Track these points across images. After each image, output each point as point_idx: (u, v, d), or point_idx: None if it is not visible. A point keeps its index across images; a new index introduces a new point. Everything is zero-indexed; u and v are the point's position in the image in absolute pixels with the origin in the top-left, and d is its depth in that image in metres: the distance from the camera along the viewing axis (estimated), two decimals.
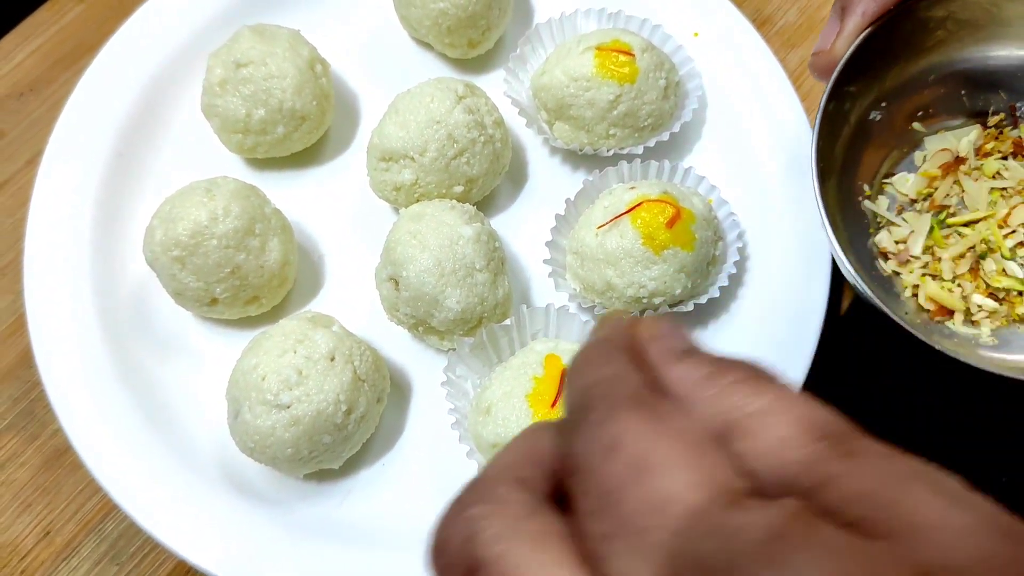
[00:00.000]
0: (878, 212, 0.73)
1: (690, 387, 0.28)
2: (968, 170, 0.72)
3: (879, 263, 0.71)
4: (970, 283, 0.69)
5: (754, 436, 0.26)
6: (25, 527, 0.69)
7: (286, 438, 0.61)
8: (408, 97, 0.72)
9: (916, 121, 0.74)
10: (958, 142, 0.73)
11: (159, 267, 0.68)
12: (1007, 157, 0.73)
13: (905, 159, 0.74)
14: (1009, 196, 0.71)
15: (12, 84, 0.86)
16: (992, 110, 0.74)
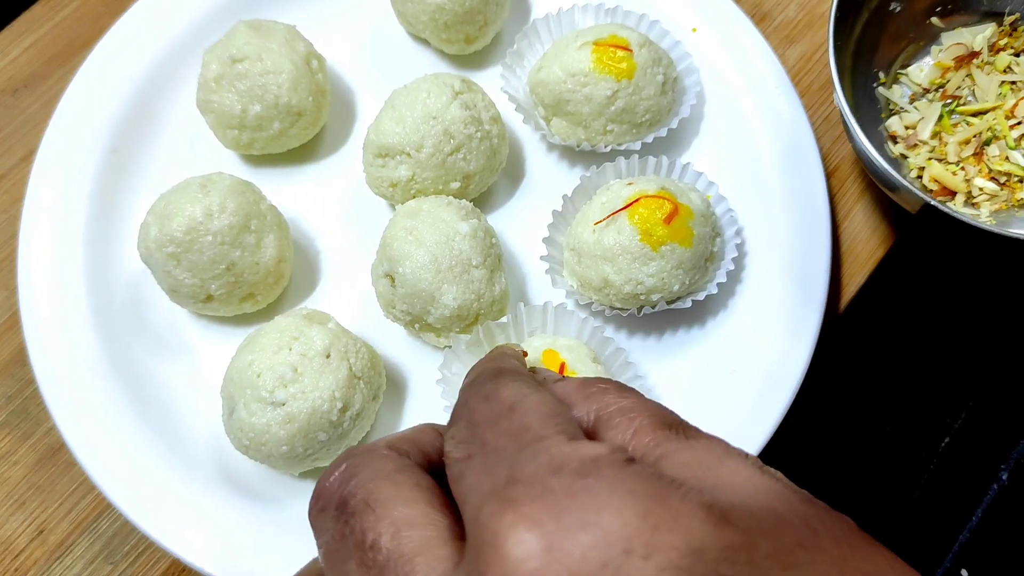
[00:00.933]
0: (891, 99, 0.77)
1: (569, 392, 0.35)
2: (981, 63, 0.77)
3: (888, 146, 0.76)
4: (973, 167, 0.73)
5: (616, 427, 0.33)
6: (19, 526, 0.68)
7: (281, 435, 0.60)
8: (404, 93, 0.71)
9: (934, 16, 0.79)
10: (973, 38, 0.78)
11: (154, 264, 0.67)
12: (1019, 54, 0.77)
13: (921, 52, 0.80)
14: (1018, 89, 0.76)
15: (7, 80, 0.85)
16: (1008, 10, 0.78)
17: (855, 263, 0.76)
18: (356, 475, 0.33)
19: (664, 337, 0.71)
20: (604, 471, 0.28)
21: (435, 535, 0.30)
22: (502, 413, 0.32)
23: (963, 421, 0.72)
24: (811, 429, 0.71)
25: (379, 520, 0.31)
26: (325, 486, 0.34)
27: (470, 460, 0.32)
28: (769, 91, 0.77)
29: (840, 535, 0.29)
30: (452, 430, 0.34)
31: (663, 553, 0.26)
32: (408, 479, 0.33)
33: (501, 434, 0.31)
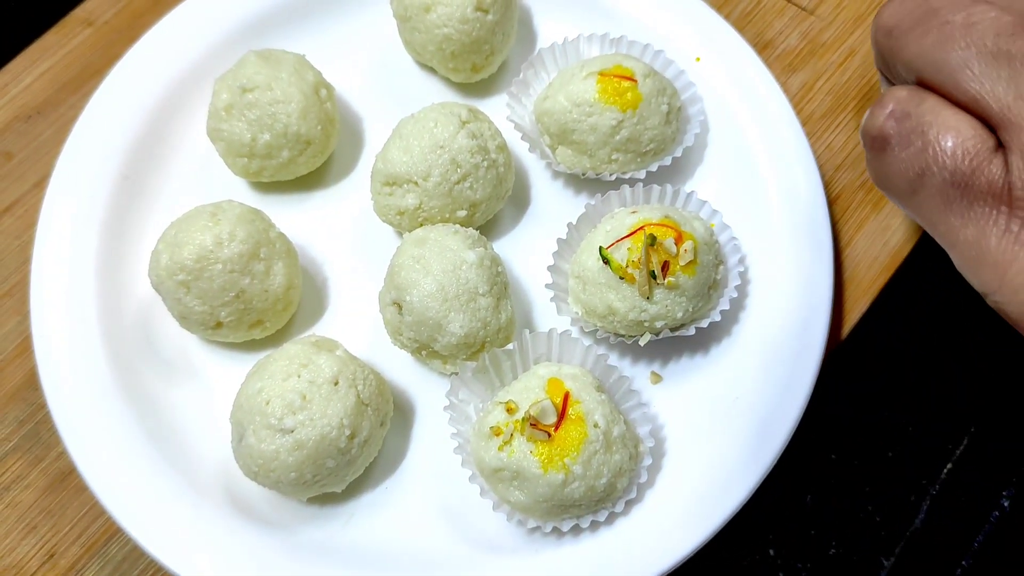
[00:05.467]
0: None
1: None
2: None
3: None
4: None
5: None
6: (30, 549, 0.69)
7: (290, 462, 0.61)
8: (412, 122, 0.72)
9: None
10: None
11: (164, 291, 0.68)
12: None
13: None
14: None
15: (20, 106, 0.86)
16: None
17: (857, 290, 0.77)
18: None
19: (668, 365, 0.72)
20: None
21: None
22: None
23: (965, 447, 0.73)
24: (814, 455, 0.72)
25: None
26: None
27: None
28: (772, 120, 0.78)
29: None
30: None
31: None
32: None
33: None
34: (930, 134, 0.42)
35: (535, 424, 0.61)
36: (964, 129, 0.41)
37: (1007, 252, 0.40)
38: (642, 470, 0.64)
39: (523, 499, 0.61)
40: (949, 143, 0.41)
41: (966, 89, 0.41)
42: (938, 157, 0.42)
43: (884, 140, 0.44)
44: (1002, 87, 0.39)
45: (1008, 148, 0.40)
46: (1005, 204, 0.40)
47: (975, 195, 0.41)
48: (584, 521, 0.63)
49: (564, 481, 0.60)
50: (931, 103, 0.43)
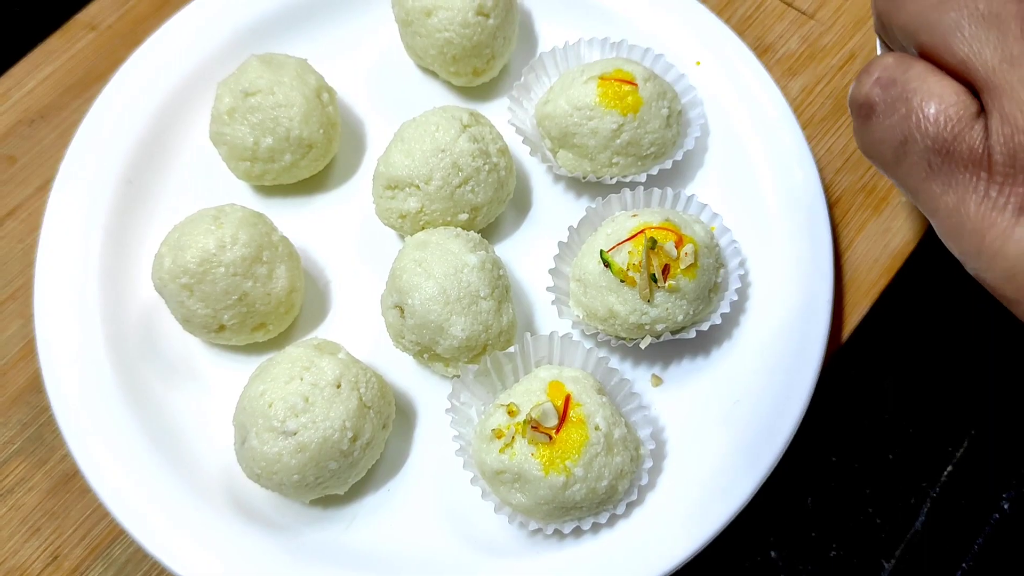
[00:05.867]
0: None
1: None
2: None
3: None
4: None
5: None
6: (33, 551, 0.69)
7: (292, 464, 0.62)
8: (413, 126, 0.73)
9: None
10: None
11: (167, 294, 0.69)
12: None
13: None
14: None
15: (23, 111, 0.87)
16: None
17: (857, 293, 0.77)
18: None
19: (669, 367, 0.72)
20: None
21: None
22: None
23: (965, 450, 0.73)
24: (814, 457, 0.72)
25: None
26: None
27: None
28: (772, 123, 0.79)
29: None
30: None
31: None
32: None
33: None
34: (914, 101, 0.42)
35: (536, 427, 0.61)
36: (948, 95, 0.41)
37: (985, 218, 0.40)
38: (643, 472, 0.65)
39: (524, 501, 0.61)
40: (932, 109, 0.41)
41: (955, 51, 0.41)
42: (921, 124, 0.42)
43: (870, 107, 0.44)
44: (989, 50, 0.39)
45: (988, 113, 0.40)
46: (984, 170, 0.40)
47: (956, 162, 0.41)
48: (585, 523, 0.63)
49: (565, 483, 0.60)
50: (917, 70, 0.43)
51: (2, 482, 0.71)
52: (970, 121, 0.40)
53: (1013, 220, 0.39)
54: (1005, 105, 0.38)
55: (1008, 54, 0.38)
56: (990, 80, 0.39)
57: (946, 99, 0.41)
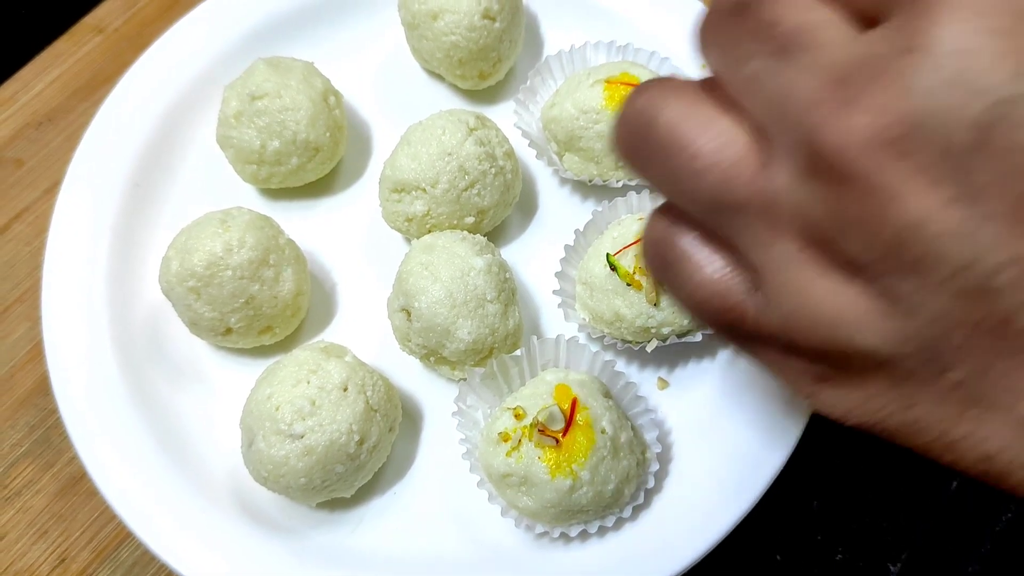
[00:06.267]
0: None
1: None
2: None
3: None
4: None
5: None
6: (41, 554, 0.69)
7: (299, 468, 0.62)
8: (420, 129, 0.73)
9: None
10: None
11: (175, 297, 0.69)
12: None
13: None
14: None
15: (31, 113, 0.87)
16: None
17: None
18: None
19: (675, 370, 0.72)
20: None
21: (839, 21, 0.31)
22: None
23: None
24: (821, 460, 0.72)
25: (778, 2, 0.32)
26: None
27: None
28: None
29: None
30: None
31: None
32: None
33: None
34: (688, 287, 0.38)
35: (543, 430, 0.61)
36: (717, 278, 0.37)
37: (792, 384, 0.38)
38: (649, 476, 0.65)
39: (531, 504, 0.61)
40: (707, 295, 0.38)
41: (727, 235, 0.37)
42: (704, 309, 0.38)
43: (662, 282, 0.41)
44: (749, 235, 0.35)
45: (761, 300, 0.36)
46: (773, 346, 0.37)
47: (748, 338, 0.38)
48: (592, 526, 0.63)
49: (572, 487, 0.60)
50: (681, 248, 0.38)
51: (10, 485, 0.72)
52: (744, 302, 0.37)
53: (814, 387, 0.37)
54: (769, 288, 0.35)
55: (769, 239, 0.34)
56: (754, 261, 0.35)
57: (717, 283, 0.37)
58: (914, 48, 0.28)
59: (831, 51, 0.30)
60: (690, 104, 0.35)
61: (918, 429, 0.34)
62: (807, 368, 0.36)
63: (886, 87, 0.28)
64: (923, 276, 0.29)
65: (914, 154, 0.28)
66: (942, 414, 0.33)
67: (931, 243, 0.29)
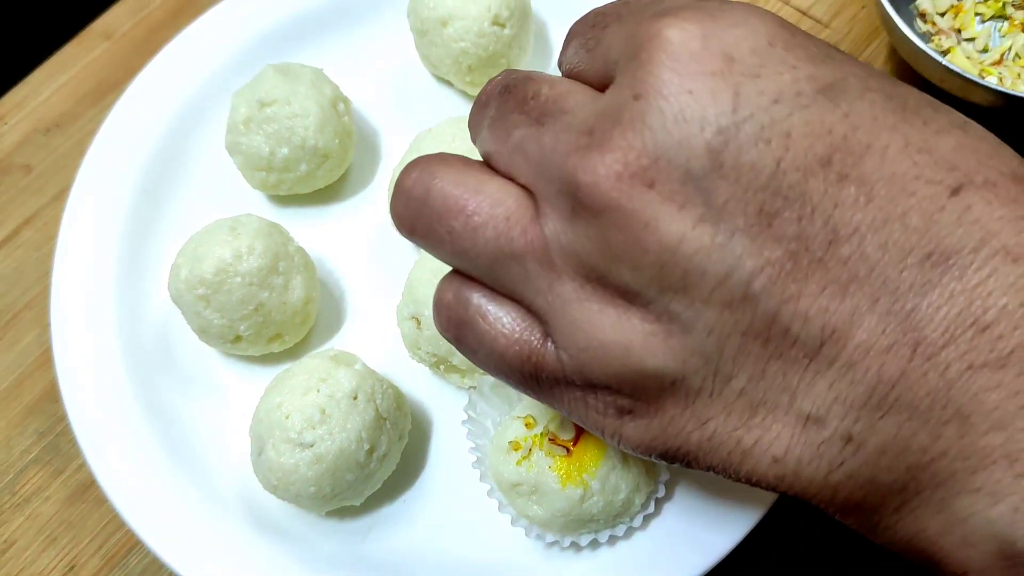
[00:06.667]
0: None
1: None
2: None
3: (917, 23, 0.80)
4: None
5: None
6: (50, 562, 0.69)
7: (309, 476, 0.62)
8: (430, 136, 0.73)
9: None
10: None
11: (184, 304, 0.69)
12: None
13: None
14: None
15: (39, 119, 0.87)
16: None
17: None
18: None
19: None
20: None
21: (584, 87, 0.37)
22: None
23: None
24: None
25: (535, 80, 0.38)
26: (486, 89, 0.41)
27: (608, 25, 0.37)
28: None
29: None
30: (576, 27, 0.40)
31: (801, 49, 0.33)
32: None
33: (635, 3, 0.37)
34: (485, 340, 0.40)
35: (554, 439, 0.61)
36: (509, 331, 0.39)
37: (597, 423, 0.40)
38: (660, 485, 0.64)
39: (541, 514, 0.61)
40: (501, 349, 0.39)
41: (505, 284, 0.39)
42: (501, 363, 0.40)
43: (457, 343, 0.42)
44: (542, 282, 0.38)
45: (555, 343, 0.38)
46: (575, 386, 0.39)
47: (549, 384, 0.39)
48: (602, 536, 0.63)
49: (583, 496, 0.60)
50: (475, 306, 0.40)
51: (19, 492, 0.72)
52: (540, 349, 0.39)
53: (617, 422, 0.39)
54: (558, 330, 0.37)
55: (550, 283, 0.36)
56: (540, 308, 0.38)
57: (511, 335, 0.39)
58: (640, 95, 0.32)
59: (578, 112, 0.35)
60: (459, 171, 0.39)
61: (716, 444, 0.36)
62: (609, 403, 0.38)
63: (624, 129, 0.32)
64: (690, 293, 0.32)
65: (659, 182, 0.31)
66: (733, 423, 0.35)
67: (690, 261, 0.32)
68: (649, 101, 0.32)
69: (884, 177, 0.31)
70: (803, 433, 0.34)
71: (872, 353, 0.32)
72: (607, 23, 0.37)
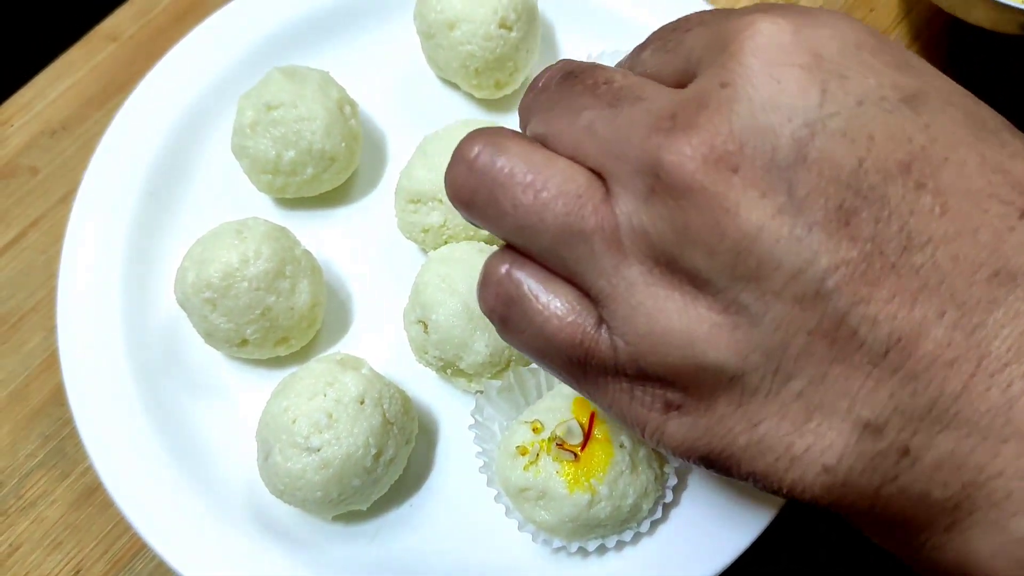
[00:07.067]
0: None
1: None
2: None
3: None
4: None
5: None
6: (55, 566, 0.69)
7: (316, 481, 0.61)
8: (437, 140, 0.73)
9: None
10: None
11: (190, 308, 0.69)
12: None
13: None
14: None
15: (44, 121, 0.87)
16: None
17: None
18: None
19: None
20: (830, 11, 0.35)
21: (659, 84, 0.37)
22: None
23: None
24: None
25: (605, 69, 0.38)
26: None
27: (691, 29, 0.37)
28: None
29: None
30: (654, 33, 0.41)
31: (888, 56, 0.33)
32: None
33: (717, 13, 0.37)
34: (537, 320, 0.39)
35: (561, 444, 0.61)
36: (564, 312, 0.38)
37: (639, 417, 0.39)
38: (668, 490, 0.64)
39: (549, 519, 0.61)
40: (553, 329, 0.38)
41: (567, 266, 0.38)
42: (550, 344, 0.39)
43: (502, 322, 0.41)
44: (607, 262, 0.37)
45: (610, 329, 0.37)
46: (623, 377, 0.38)
47: (597, 372, 0.39)
48: (610, 541, 0.63)
49: (590, 501, 0.60)
50: (530, 284, 0.39)
51: (24, 496, 0.71)
52: (593, 334, 0.38)
53: (662, 418, 0.38)
54: (617, 314, 0.36)
55: (615, 265, 0.36)
56: (602, 290, 0.37)
57: (564, 318, 0.38)
58: (727, 83, 0.32)
59: (657, 99, 0.35)
60: (527, 147, 0.38)
61: (764, 448, 0.35)
62: (658, 396, 0.37)
63: (711, 114, 0.32)
64: (762, 284, 0.32)
65: (744, 168, 0.31)
66: (786, 427, 0.34)
67: (766, 251, 0.31)
68: (737, 88, 0.32)
69: (959, 191, 0.31)
70: (859, 442, 0.33)
71: (936, 365, 0.32)
72: (691, 27, 0.37)
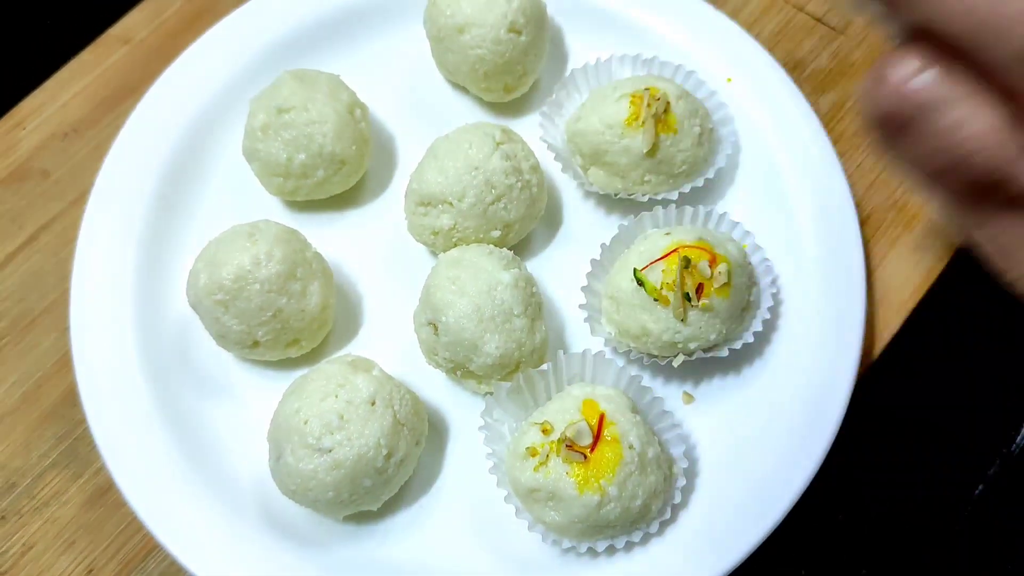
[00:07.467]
0: None
1: None
2: None
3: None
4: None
5: None
6: (68, 565, 0.70)
7: (327, 481, 0.62)
8: (447, 143, 0.73)
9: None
10: None
11: (202, 310, 0.69)
12: None
13: None
14: None
15: (57, 124, 0.88)
16: None
17: (889, 310, 0.77)
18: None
19: (700, 385, 0.72)
20: None
21: None
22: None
23: (998, 468, 0.73)
24: (846, 475, 0.71)
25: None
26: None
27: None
28: (803, 139, 0.79)
29: None
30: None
31: None
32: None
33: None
34: (945, 140, 0.33)
35: (571, 445, 0.61)
36: (986, 131, 0.33)
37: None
38: (676, 491, 0.65)
39: (558, 520, 0.61)
40: (967, 151, 0.33)
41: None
42: (959, 165, 0.34)
43: (898, 130, 0.34)
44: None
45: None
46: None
47: (999, 206, 0.34)
48: (619, 542, 0.63)
49: (600, 503, 0.60)
50: (951, 89, 0.33)
51: (38, 495, 0.72)
52: (1019, 161, 0.33)
53: None
54: None
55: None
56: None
57: (985, 136, 0.33)
58: None
59: None
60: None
61: None
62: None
63: None
64: None
65: None
66: None
67: None
68: None
69: None
70: None
71: None
72: None
